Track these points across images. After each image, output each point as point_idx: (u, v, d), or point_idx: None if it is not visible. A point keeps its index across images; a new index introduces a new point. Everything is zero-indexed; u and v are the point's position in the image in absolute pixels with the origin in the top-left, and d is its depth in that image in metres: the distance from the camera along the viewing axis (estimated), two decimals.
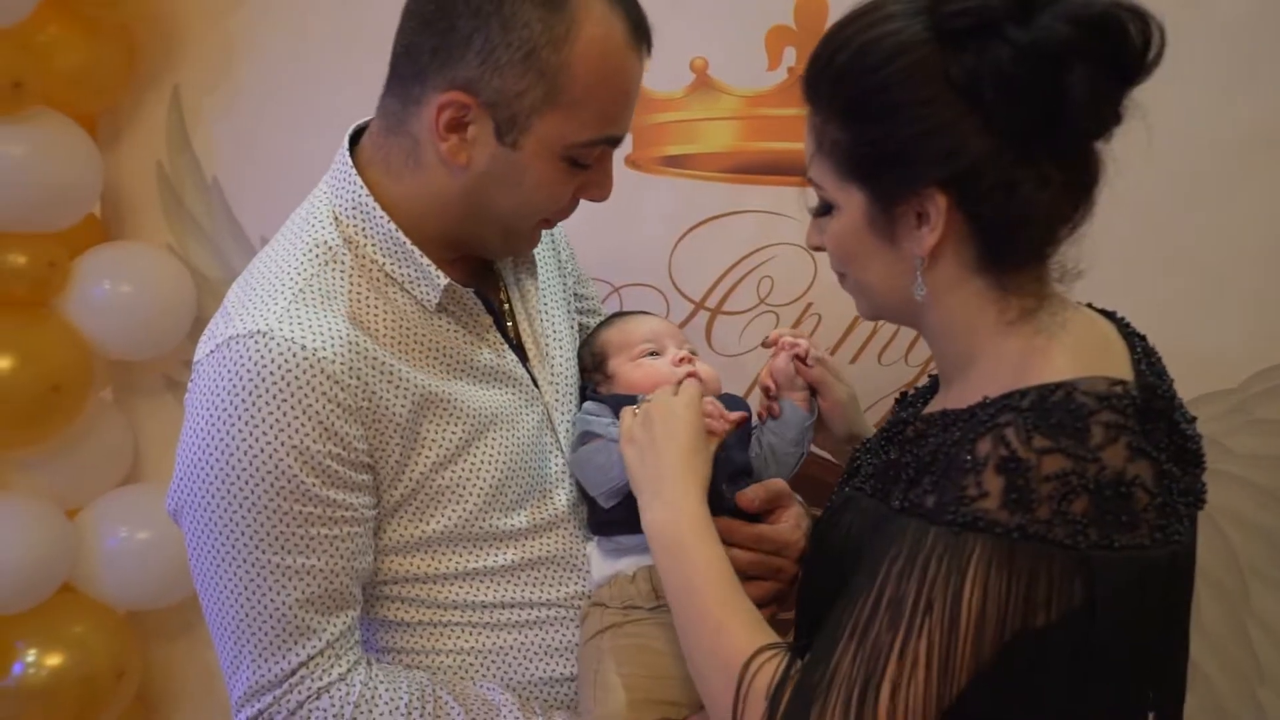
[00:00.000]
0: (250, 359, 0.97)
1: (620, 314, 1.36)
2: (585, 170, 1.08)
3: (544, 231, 1.18)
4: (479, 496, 1.09)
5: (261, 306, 1.00)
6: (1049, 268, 0.96)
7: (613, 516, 1.15)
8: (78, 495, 1.80)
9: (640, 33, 1.05)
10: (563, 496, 1.17)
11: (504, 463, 1.11)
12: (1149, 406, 0.88)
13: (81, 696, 1.73)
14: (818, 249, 1.05)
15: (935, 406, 1.01)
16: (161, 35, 1.78)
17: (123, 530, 1.78)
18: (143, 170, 1.82)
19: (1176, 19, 0.88)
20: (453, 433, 1.08)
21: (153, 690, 1.94)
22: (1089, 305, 1.03)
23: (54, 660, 1.72)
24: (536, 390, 1.18)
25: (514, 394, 1.15)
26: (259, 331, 0.98)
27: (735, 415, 1.16)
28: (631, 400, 1.18)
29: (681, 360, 1.25)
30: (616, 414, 1.17)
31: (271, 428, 0.96)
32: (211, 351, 1.00)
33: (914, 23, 0.91)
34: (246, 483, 0.97)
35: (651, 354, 1.26)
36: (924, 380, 1.68)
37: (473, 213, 1.07)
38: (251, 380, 0.96)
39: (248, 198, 1.81)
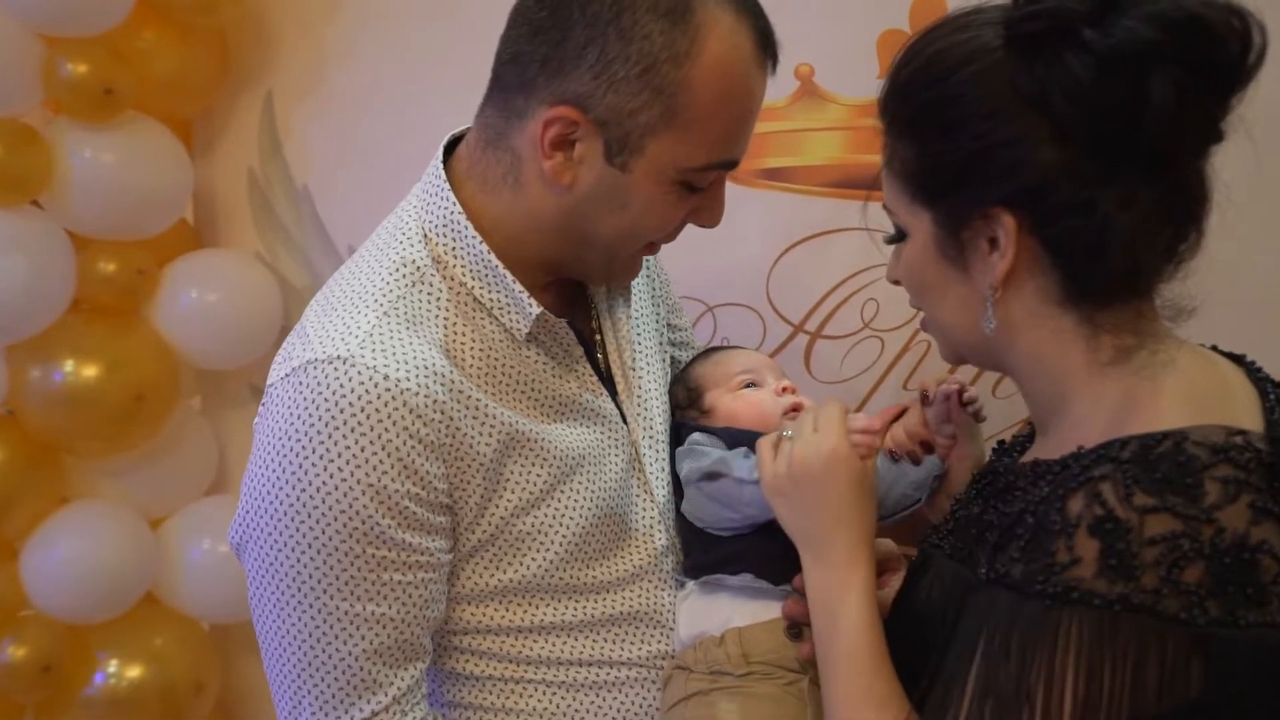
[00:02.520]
0: (328, 387, 0.91)
1: (713, 348, 1.29)
2: (697, 194, 1.01)
3: None
4: (561, 544, 1.03)
5: (342, 329, 0.95)
6: (1153, 305, 0.87)
7: (715, 557, 1.08)
8: (162, 505, 1.79)
9: (767, 48, 0.98)
10: (650, 545, 1.10)
11: (590, 508, 1.04)
12: (1279, 462, 0.78)
13: (160, 708, 1.73)
14: (896, 283, 0.98)
15: (1029, 456, 0.92)
16: (255, 41, 1.77)
17: (206, 542, 1.76)
18: (235, 177, 1.82)
19: None
20: (538, 475, 1.01)
21: (232, 704, 1.93)
22: (1214, 348, 0.93)
23: (134, 671, 1.72)
24: (625, 428, 1.11)
25: (602, 432, 1.08)
26: (338, 357, 0.92)
27: (880, 420, 1.05)
28: (747, 435, 1.10)
29: (784, 390, 1.18)
30: (729, 445, 1.10)
31: (347, 463, 0.91)
32: (286, 376, 0.95)
33: (987, 31, 0.85)
34: (317, 522, 0.92)
35: (750, 385, 1.19)
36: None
37: (573, 236, 1.01)
38: (328, 410, 0.91)
39: (338, 206, 1.79)
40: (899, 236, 0.94)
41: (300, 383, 0.93)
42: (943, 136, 0.86)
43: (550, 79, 0.94)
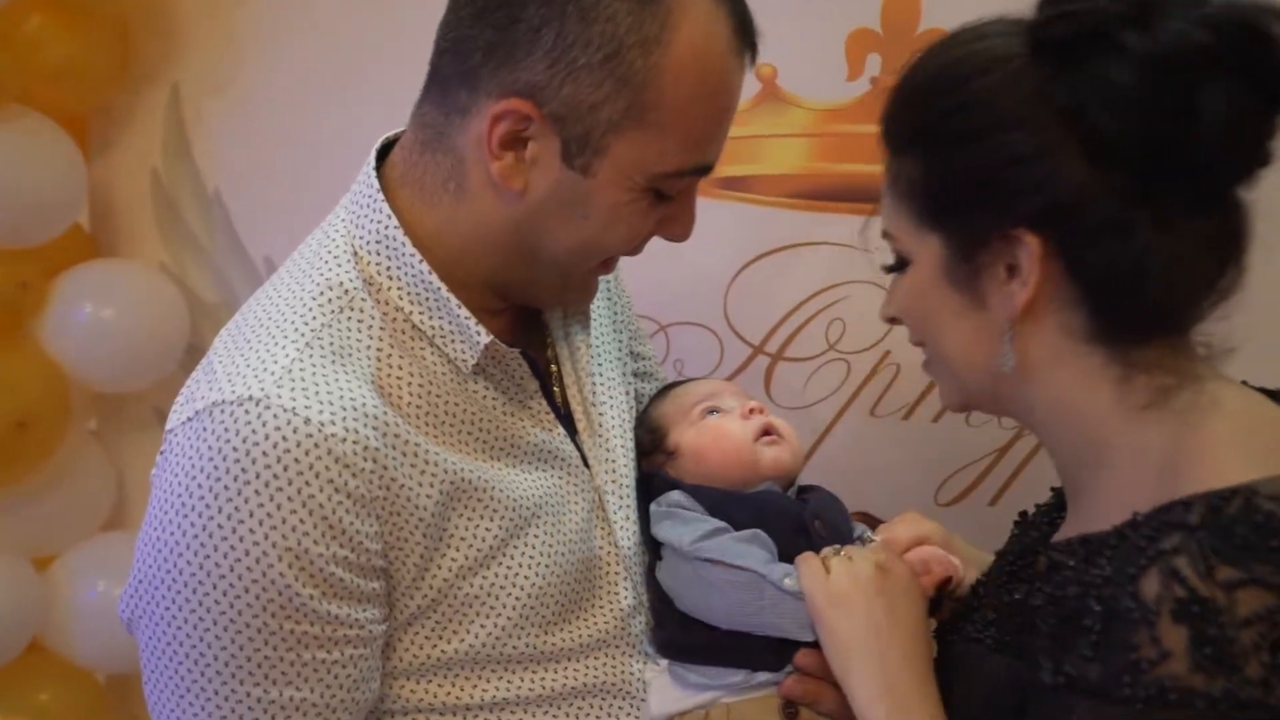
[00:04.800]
0: (237, 434, 0.79)
1: (671, 384, 1.18)
2: (666, 202, 0.91)
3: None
4: (515, 608, 0.91)
5: (255, 365, 0.83)
6: (1190, 342, 0.80)
7: (696, 642, 0.95)
8: (50, 543, 1.65)
9: (746, 36, 0.89)
10: (615, 605, 0.98)
11: (547, 566, 0.93)
12: None
13: None
14: (891, 321, 0.91)
15: (1070, 529, 0.82)
16: (160, 28, 1.65)
17: (101, 583, 1.62)
18: (136, 179, 1.69)
19: None
20: (487, 529, 0.90)
21: None
22: (1243, 383, 0.85)
23: None
24: (587, 471, 1.00)
25: (561, 477, 0.96)
26: (250, 398, 0.80)
27: (938, 574, 0.94)
28: (731, 497, 1.00)
29: (751, 411, 1.08)
30: (710, 510, 0.99)
31: (260, 524, 0.78)
32: (188, 420, 0.83)
33: (1008, 39, 0.79)
34: (224, 593, 0.79)
35: (712, 412, 1.08)
36: (1025, 442, 1.51)
37: (525, 251, 0.90)
38: (237, 461, 0.79)
39: (253, 212, 1.68)
40: (900, 265, 0.86)
41: (204, 428, 0.81)
42: (958, 150, 0.79)
43: (498, 68, 0.84)
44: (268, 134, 1.63)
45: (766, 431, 1.06)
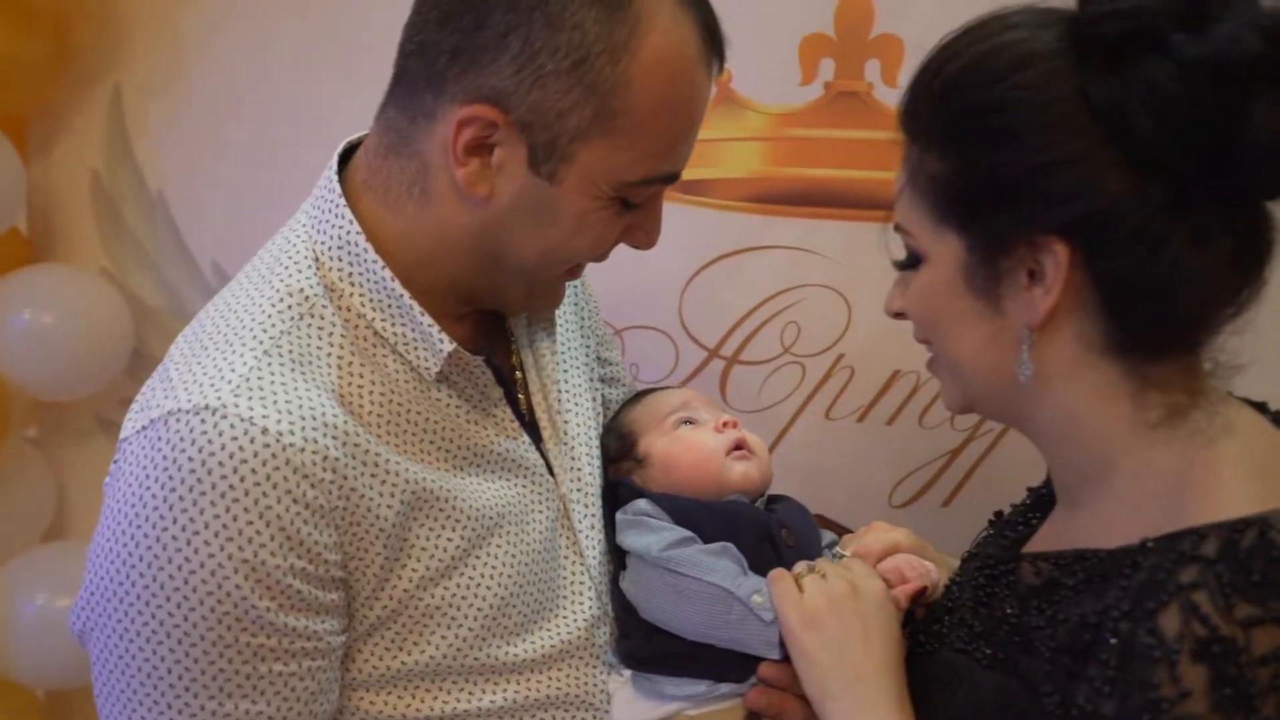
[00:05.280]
0: (193, 444, 0.77)
1: (643, 391, 1.17)
2: (632, 210, 0.90)
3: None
4: (477, 619, 0.89)
5: (213, 373, 0.81)
6: (1200, 359, 0.78)
7: (660, 652, 0.94)
8: None
9: (714, 43, 0.88)
10: (579, 615, 0.97)
11: (510, 576, 0.91)
12: None
13: None
14: (897, 315, 0.87)
15: (1058, 537, 0.81)
16: (101, 26, 1.62)
17: (41, 596, 1.58)
18: (76, 181, 1.66)
19: None
20: (448, 539, 0.88)
21: None
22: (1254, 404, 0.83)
23: None
24: (552, 479, 0.98)
25: (525, 486, 0.95)
26: (207, 407, 0.78)
27: (914, 584, 0.93)
28: (696, 506, 0.99)
29: (725, 425, 1.08)
30: (677, 519, 0.98)
31: (216, 535, 0.76)
32: (143, 429, 0.81)
33: (1046, 32, 0.75)
34: (178, 606, 0.77)
35: (685, 423, 1.08)
36: (977, 444, 1.52)
37: (489, 257, 0.89)
38: (193, 472, 0.77)
39: (198, 215, 1.64)
40: (912, 262, 0.82)
41: (159, 438, 0.79)
42: (990, 148, 0.75)
43: (463, 73, 0.83)
44: (212, 135, 1.60)
45: (738, 446, 1.06)
